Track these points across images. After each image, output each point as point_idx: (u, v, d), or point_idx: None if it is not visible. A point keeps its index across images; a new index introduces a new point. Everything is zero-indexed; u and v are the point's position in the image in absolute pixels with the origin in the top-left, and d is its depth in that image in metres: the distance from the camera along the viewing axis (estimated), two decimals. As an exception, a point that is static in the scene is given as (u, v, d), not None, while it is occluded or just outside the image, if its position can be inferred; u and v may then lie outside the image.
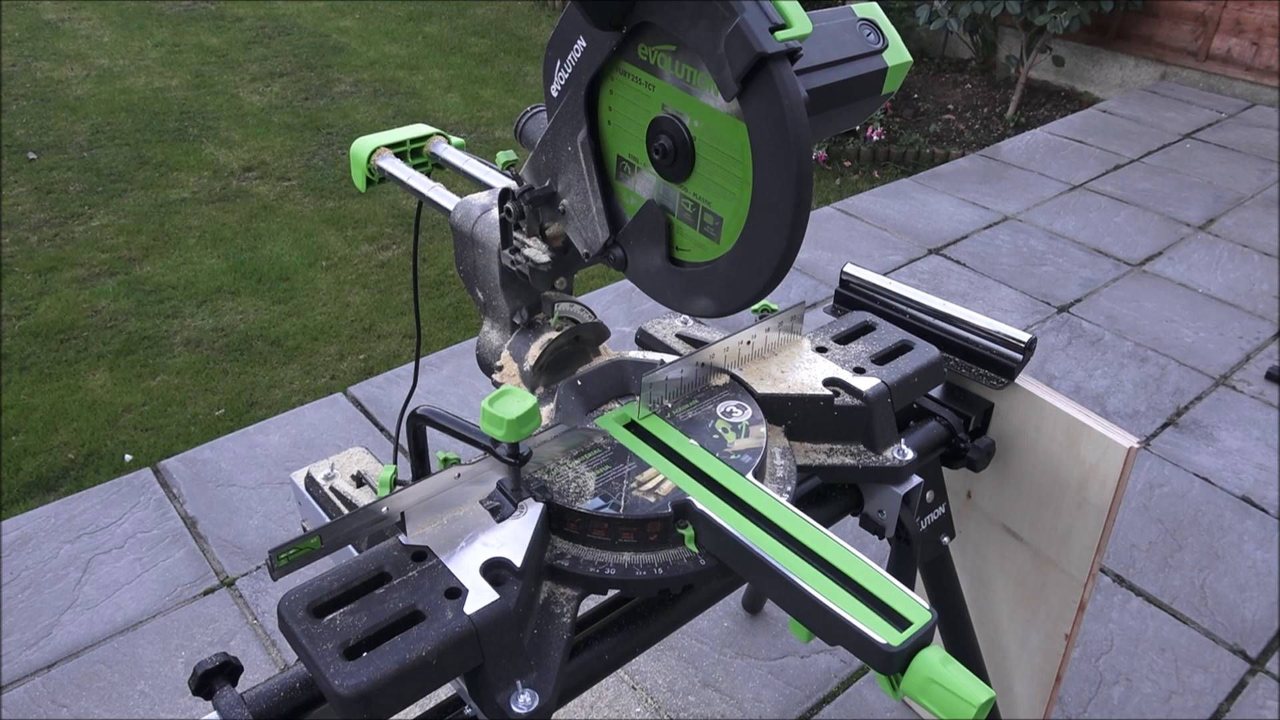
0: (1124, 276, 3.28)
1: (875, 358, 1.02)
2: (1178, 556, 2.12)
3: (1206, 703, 1.80)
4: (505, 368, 0.96)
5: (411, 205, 3.33)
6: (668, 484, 0.81)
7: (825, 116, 0.84)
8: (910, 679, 0.67)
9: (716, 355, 0.95)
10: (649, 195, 0.79)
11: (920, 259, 3.35)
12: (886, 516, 0.99)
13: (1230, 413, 2.60)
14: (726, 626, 1.91)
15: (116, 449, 2.50)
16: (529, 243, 0.90)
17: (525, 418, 0.73)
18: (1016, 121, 4.92)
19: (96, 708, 1.71)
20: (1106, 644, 1.91)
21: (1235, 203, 3.82)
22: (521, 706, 0.68)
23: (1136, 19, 5.06)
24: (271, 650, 1.83)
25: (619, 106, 0.77)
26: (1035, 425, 1.16)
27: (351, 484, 1.17)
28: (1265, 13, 4.68)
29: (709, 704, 1.76)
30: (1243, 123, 4.59)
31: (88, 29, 5.77)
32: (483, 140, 4.55)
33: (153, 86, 4.97)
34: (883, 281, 1.20)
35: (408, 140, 1.18)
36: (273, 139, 4.43)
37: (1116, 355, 2.83)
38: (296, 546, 0.66)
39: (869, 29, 0.86)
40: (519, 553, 0.73)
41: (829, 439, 0.96)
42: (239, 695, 0.70)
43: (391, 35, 5.98)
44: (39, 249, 3.45)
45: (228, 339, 3.00)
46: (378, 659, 0.64)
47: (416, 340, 1.31)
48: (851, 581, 0.72)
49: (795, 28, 0.64)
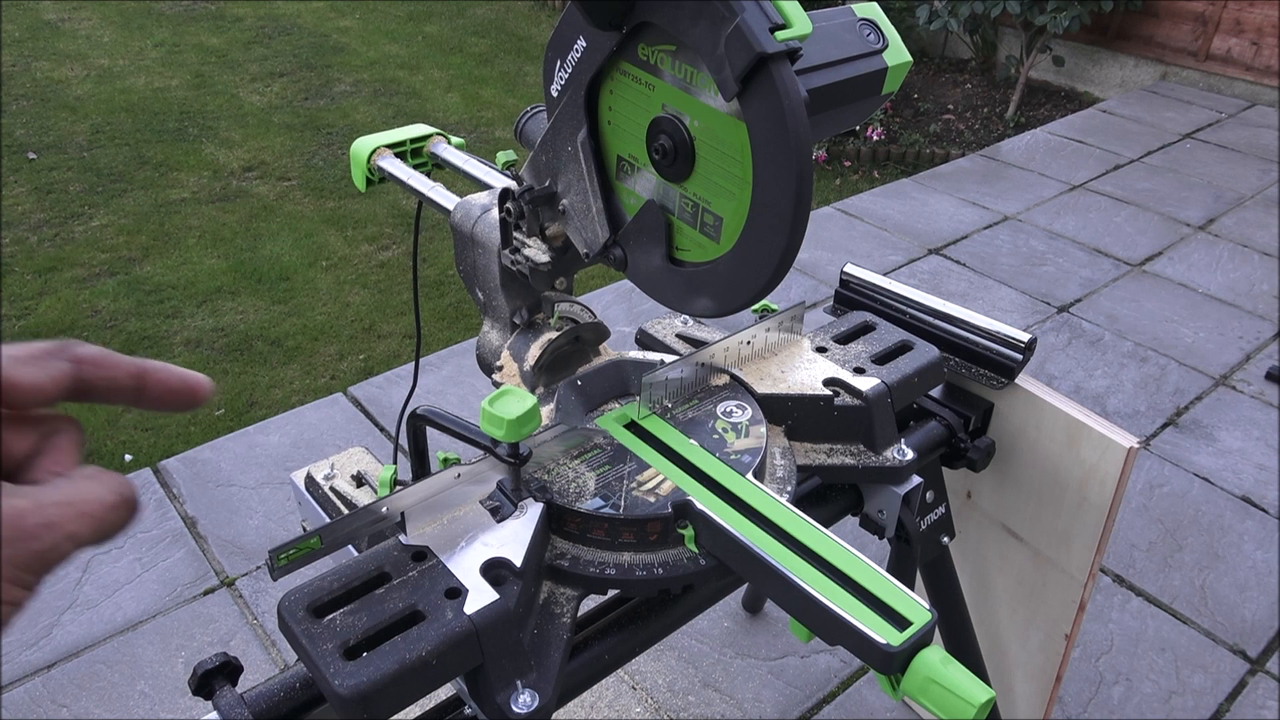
0: (1124, 276, 3.28)
1: (875, 358, 1.02)
2: (1178, 556, 2.12)
3: (1206, 703, 1.80)
4: (505, 368, 0.96)
5: (411, 205, 3.32)
6: (668, 484, 0.81)
7: (825, 116, 0.84)
8: (910, 679, 0.67)
9: (716, 355, 0.95)
10: (649, 195, 0.79)
11: (920, 259, 3.35)
12: (886, 516, 0.99)
13: (1230, 413, 2.60)
14: (726, 626, 1.91)
15: (116, 449, 2.50)
16: (529, 243, 0.90)
17: (525, 418, 0.73)
18: (1016, 121, 4.92)
19: (96, 708, 1.71)
20: (1106, 644, 1.91)
21: (1235, 203, 3.82)
22: (521, 706, 0.68)
23: (1136, 19, 5.06)
24: (271, 650, 1.83)
25: (619, 106, 0.77)
26: (1035, 425, 1.16)
27: (351, 484, 1.17)
28: (1265, 13, 4.68)
29: (709, 704, 1.76)
30: (1243, 123, 4.59)
31: (88, 29, 5.77)
32: (483, 140, 4.55)
33: (153, 86, 4.97)
34: (883, 281, 1.20)
35: (408, 140, 1.18)
36: (273, 139, 4.43)
37: (1116, 355, 2.83)
38: (296, 546, 0.66)
39: (869, 29, 0.86)
40: (519, 553, 0.73)
41: (829, 439, 0.96)
42: (239, 695, 0.70)
43: (391, 35, 5.97)
44: (39, 249, 3.45)
45: (228, 339, 3.00)
46: (378, 659, 0.64)
47: (416, 340, 1.31)
48: (851, 581, 0.71)
49: (795, 28, 0.64)
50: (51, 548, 0.41)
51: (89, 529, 0.42)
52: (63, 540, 0.41)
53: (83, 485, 0.43)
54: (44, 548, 0.40)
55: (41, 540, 0.40)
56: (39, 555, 0.40)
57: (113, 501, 0.44)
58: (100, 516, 0.43)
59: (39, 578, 0.41)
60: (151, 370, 0.48)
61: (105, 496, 0.43)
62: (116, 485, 0.44)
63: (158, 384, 0.49)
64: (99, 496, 0.43)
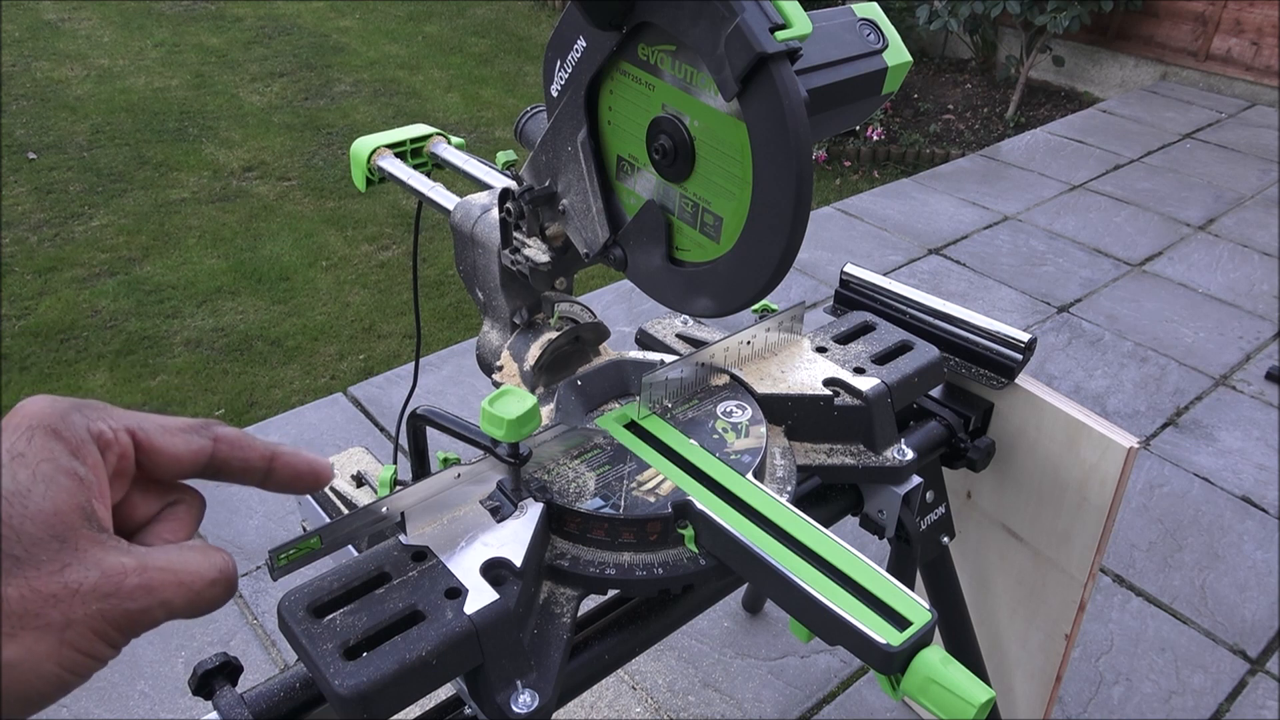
0: (1124, 276, 3.28)
1: (875, 358, 1.02)
2: (1178, 556, 2.12)
3: (1206, 703, 1.80)
4: (505, 368, 0.96)
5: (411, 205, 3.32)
6: (668, 484, 0.81)
7: (825, 116, 0.84)
8: (910, 679, 0.67)
9: (716, 355, 0.95)
10: (649, 195, 0.79)
11: (920, 259, 3.35)
12: (886, 516, 0.99)
13: (1230, 413, 2.60)
14: (726, 626, 1.91)
15: (116, 449, 2.50)
16: (529, 243, 0.90)
17: (525, 418, 0.73)
18: (1016, 121, 4.92)
19: (96, 708, 1.71)
20: (1106, 644, 1.91)
21: (1235, 203, 3.82)
22: (521, 706, 0.68)
23: (1136, 19, 5.05)
24: (271, 650, 1.83)
25: (619, 106, 0.77)
26: (1035, 425, 1.16)
27: (351, 484, 1.18)
28: (1265, 13, 4.68)
29: (709, 704, 1.76)
30: (1243, 123, 4.59)
31: (88, 29, 5.77)
32: (483, 140, 4.55)
33: (153, 86, 4.97)
34: (883, 281, 1.20)
35: (408, 140, 1.18)
36: (273, 139, 4.43)
37: (1116, 355, 2.83)
38: (296, 546, 0.66)
39: (869, 29, 0.86)
40: (519, 553, 0.73)
41: (829, 439, 0.96)
42: (239, 695, 0.70)
43: (391, 35, 5.97)
44: (39, 249, 3.45)
45: (228, 339, 3.00)
46: (378, 659, 0.64)
47: (416, 340, 1.31)
48: (851, 581, 0.71)
49: (795, 28, 0.64)
50: (144, 611, 0.41)
51: (183, 600, 0.43)
52: (156, 606, 0.41)
53: (188, 556, 0.44)
54: (137, 609, 0.41)
55: (137, 602, 0.40)
56: (130, 616, 0.40)
57: (212, 577, 0.44)
58: (197, 590, 0.43)
59: (126, 638, 0.41)
60: (281, 455, 0.49)
61: (206, 571, 0.44)
62: (219, 562, 0.45)
63: (285, 467, 0.50)
64: (200, 570, 0.44)
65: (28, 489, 0.39)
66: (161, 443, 0.46)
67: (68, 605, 0.38)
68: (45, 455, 0.40)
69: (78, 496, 0.40)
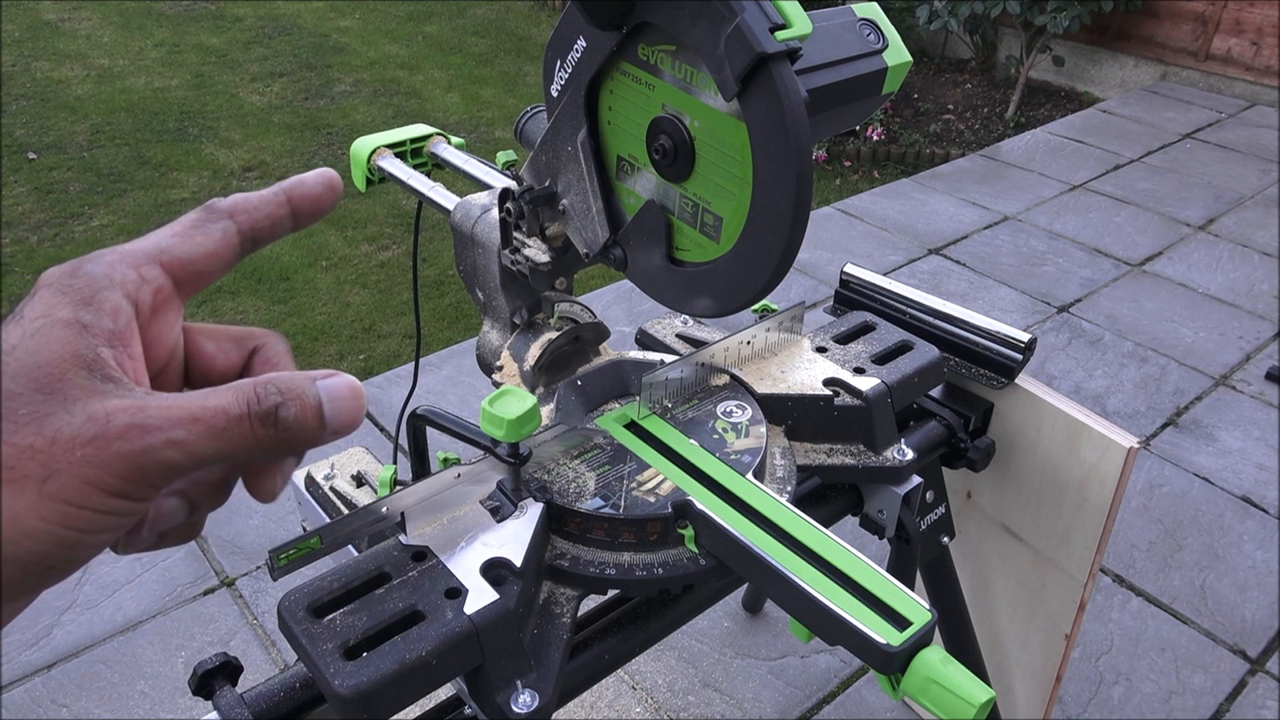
0: (1124, 276, 3.28)
1: (875, 358, 1.02)
2: (1178, 556, 2.12)
3: (1206, 703, 1.80)
4: (505, 368, 0.96)
5: (411, 205, 3.32)
6: (668, 484, 0.81)
7: (825, 116, 0.84)
8: (910, 679, 0.67)
9: (716, 355, 0.95)
10: (649, 195, 0.79)
11: (920, 259, 3.35)
12: (886, 516, 0.99)
13: (1230, 413, 2.60)
14: (726, 626, 1.91)
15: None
16: (529, 243, 0.90)
17: (525, 418, 0.73)
18: (1016, 121, 4.92)
19: (96, 708, 1.71)
20: (1106, 644, 1.91)
21: (1235, 203, 3.82)
22: (521, 706, 0.68)
23: (1136, 19, 5.05)
24: (271, 650, 1.83)
25: (619, 106, 0.77)
26: (1035, 425, 1.16)
27: (351, 484, 1.18)
28: (1265, 13, 4.68)
29: (709, 704, 1.76)
30: (1243, 123, 4.59)
31: (88, 29, 5.77)
32: (483, 140, 4.55)
33: (153, 86, 4.97)
34: (883, 281, 1.20)
35: (408, 140, 1.18)
36: (273, 139, 4.43)
37: (1116, 355, 2.83)
38: (296, 547, 0.66)
39: (869, 29, 0.86)
40: (519, 553, 0.73)
41: (829, 439, 0.96)
42: (239, 695, 0.70)
43: (391, 35, 5.97)
44: (39, 249, 3.45)
45: (228, 339, 3.00)
46: (378, 659, 0.64)
47: (416, 340, 1.30)
48: (851, 581, 0.71)
49: (795, 28, 0.64)
50: (143, 451, 0.36)
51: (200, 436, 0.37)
52: (161, 445, 0.36)
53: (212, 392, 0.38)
54: (132, 449, 0.36)
55: (130, 442, 0.36)
56: (126, 458, 0.36)
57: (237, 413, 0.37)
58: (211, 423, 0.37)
59: (138, 486, 0.36)
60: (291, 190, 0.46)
61: (231, 407, 0.37)
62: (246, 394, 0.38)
63: (302, 198, 0.46)
64: (223, 404, 0.37)
65: (12, 348, 0.36)
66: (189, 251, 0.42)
67: (46, 455, 0.35)
68: (41, 312, 0.38)
69: (75, 345, 0.37)
